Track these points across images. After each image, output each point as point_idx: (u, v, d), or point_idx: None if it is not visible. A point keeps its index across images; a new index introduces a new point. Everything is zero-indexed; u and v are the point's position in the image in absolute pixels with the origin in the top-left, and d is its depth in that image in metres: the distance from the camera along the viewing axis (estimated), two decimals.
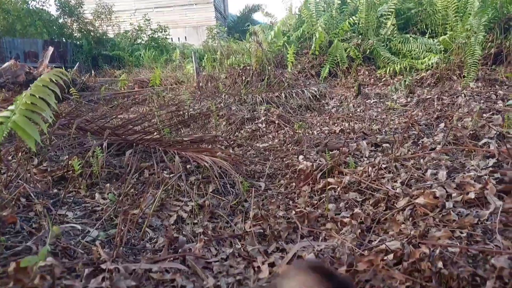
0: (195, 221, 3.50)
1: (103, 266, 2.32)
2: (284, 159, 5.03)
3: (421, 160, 3.83)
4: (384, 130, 5.18)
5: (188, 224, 3.42)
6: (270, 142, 5.89)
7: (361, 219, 3.18)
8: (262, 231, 3.21)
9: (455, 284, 2.17)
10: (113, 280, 2.16)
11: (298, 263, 1.51)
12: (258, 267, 2.77)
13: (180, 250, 2.90)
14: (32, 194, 3.41)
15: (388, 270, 2.47)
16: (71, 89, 8.96)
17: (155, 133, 5.04)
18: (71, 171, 4.00)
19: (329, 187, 3.81)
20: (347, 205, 3.54)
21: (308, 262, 1.32)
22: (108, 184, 3.95)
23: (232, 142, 5.94)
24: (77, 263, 2.48)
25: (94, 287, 2.12)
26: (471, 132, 4.17)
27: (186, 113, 7.37)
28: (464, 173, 3.28)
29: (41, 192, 3.55)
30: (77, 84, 11.00)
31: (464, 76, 7.49)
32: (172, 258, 2.77)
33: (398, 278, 2.38)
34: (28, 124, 2.68)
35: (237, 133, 6.57)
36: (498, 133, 3.92)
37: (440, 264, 2.31)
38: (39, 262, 2.08)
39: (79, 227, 3.10)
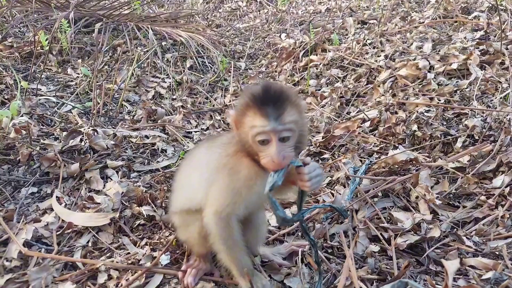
0: (174, 96, 3.43)
1: (81, 129, 2.29)
2: (266, 38, 4.79)
3: (408, 34, 3.69)
4: (372, 7, 4.89)
5: (166, 98, 3.35)
6: (251, 22, 5.55)
7: (341, 93, 3.15)
8: None
9: (427, 144, 2.25)
10: (91, 140, 2.14)
11: None
12: None
13: (159, 121, 2.88)
14: None
15: (364, 136, 2.54)
16: None
17: (125, 8, 4.60)
18: (39, 47, 3.71)
19: (311, 64, 3.70)
20: (328, 81, 3.49)
21: None
22: (80, 60, 3.73)
23: (210, 22, 5.57)
24: (54, 129, 2.44)
25: (73, 145, 2.11)
26: (462, 5, 3.97)
27: None
28: (449, 45, 3.19)
29: (9, 66, 3.32)
30: None
31: None
32: (151, 127, 2.76)
33: (373, 141, 2.46)
34: None
35: (215, 12, 6.13)
36: (490, 6, 3.74)
37: (415, 127, 2.37)
38: (14, 120, 2.03)
39: (54, 99, 2.98)
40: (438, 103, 2.54)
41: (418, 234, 1.55)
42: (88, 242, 1.59)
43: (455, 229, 1.63)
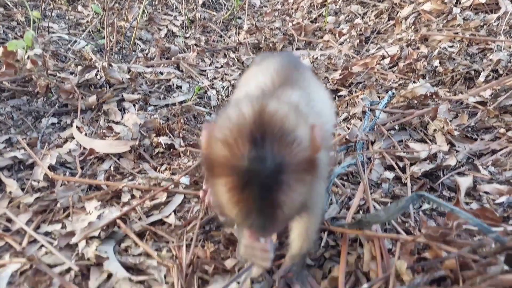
0: (187, 35, 3.35)
1: (96, 64, 2.28)
2: None
3: None
4: None
5: (179, 37, 3.28)
6: None
7: (360, 30, 3.04)
8: (256, 42, 3.11)
9: (448, 79, 2.19)
10: (107, 73, 2.14)
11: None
12: None
13: (173, 58, 2.84)
14: (9, 3, 3.15)
15: (383, 73, 2.47)
16: None
17: None
18: None
19: (329, 0, 3.54)
20: (347, 18, 3.35)
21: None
22: None
23: None
24: (69, 65, 2.44)
25: (89, 78, 2.11)
26: None
27: None
28: None
29: (19, 2, 3.26)
30: None
31: None
32: (165, 64, 2.74)
33: (392, 78, 2.40)
34: None
35: None
36: None
37: (436, 63, 2.29)
38: (28, 52, 2.03)
39: (66, 37, 2.95)
40: (462, 37, 2.43)
41: (433, 163, 1.56)
42: (110, 167, 1.64)
43: (472, 159, 1.63)
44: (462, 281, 0.90)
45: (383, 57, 2.61)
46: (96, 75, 2.17)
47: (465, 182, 1.20)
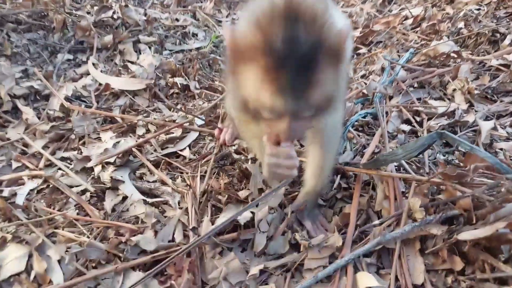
0: None
1: (113, 5, 2.23)
2: None
3: None
4: None
5: None
6: None
7: None
8: None
9: (472, 41, 2.12)
10: (124, 12, 2.10)
11: None
12: None
13: (190, 7, 2.78)
14: None
15: (404, 34, 2.40)
16: None
17: None
18: None
19: None
20: None
21: None
22: None
23: None
24: (85, 5, 2.39)
25: (105, 19, 2.08)
26: None
27: None
28: None
29: None
30: None
31: None
32: (182, 12, 2.68)
33: (413, 38, 2.33)
34: None
35: None
36: None
37: (461, 25, 2.22)
38: None
39: None
40: (491, 0, 2.34)
41: (451, 119, 1.54)
42: (125, 103, 1.64)
43: (490, 119, 1.60)
44: (475, 220, 0.91)
45: (406, 18, 2.53)
46: (112, 15, 2.13)
47: (486, 125, 1.18)
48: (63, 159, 1.33)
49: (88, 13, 2.26)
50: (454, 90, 1.77)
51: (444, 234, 0.91)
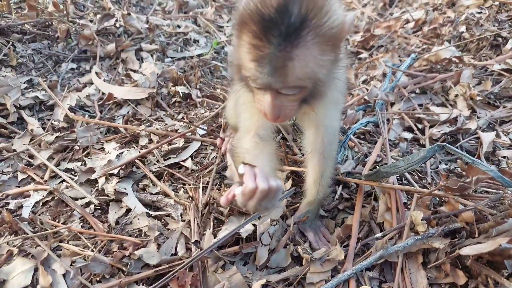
0: None
1: (115, 13, 2.25)
2: None
3: None
4: None
5: None
6: None
7: None
8: None
9: (473, 45, 2.11)
10: (126, 21, 2.11)
11: None
12: None
13: (191, 13, 2.79)
14: None
15: (406, 37, 2.40)
16: None
17: None
18: None
19: None
20: None
21: None
22: None
23: None
24: (88, 14, 2.41)
25: (108, 27, 2.09)
26: None
27: None
28: None
29: None
30: None
31: None
32: (183, 18, 2.69)
33: (415, 42, 2.33)
34: None
35: None
36: None
37: (462, 28, 2.21)
38: None
39: None
40: (492, 3, 2.33)
41: (453, 126, 1.53)
42: (128, 112, 1.65)
43: (492, 125, 1.60)
44: (477, 234, 0.91)
45: (407, 21, 2.53)
46: (115, 24, 2.15)
47: (487, 137, 1.18)
48: (67, 170, 1.34)
49: (91, 21, 2.28)
50: (456, 96, 1.77)
51: (446, 248, 0.91)
